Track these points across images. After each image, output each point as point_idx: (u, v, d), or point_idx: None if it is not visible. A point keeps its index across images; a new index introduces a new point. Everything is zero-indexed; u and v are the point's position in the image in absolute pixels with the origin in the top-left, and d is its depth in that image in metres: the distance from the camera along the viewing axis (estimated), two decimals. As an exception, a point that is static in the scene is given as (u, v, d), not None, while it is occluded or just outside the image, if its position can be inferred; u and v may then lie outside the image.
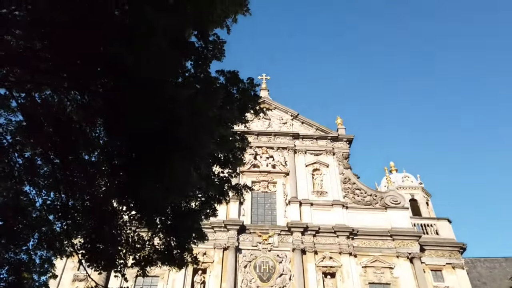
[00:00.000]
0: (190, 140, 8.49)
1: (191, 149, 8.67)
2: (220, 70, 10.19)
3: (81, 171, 12.09)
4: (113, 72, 8.30)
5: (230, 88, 10.23)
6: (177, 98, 7.52)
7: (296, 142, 34.66)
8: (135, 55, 7.14)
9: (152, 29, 7.14)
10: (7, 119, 12.06)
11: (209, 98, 8.43)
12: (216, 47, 9.49)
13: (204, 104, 8.17)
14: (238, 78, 10.15)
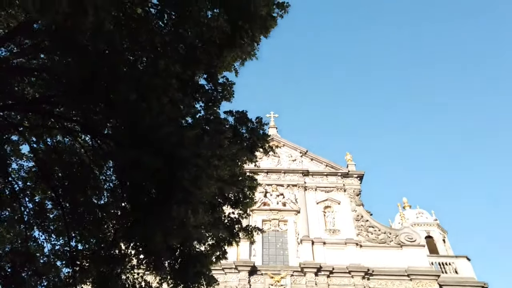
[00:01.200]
0: (192, 183, 8.43)
1: (191, 192, 8.59)
2: (229, 111, 10.34)
3: (90, 214, 12.01)
4: (123, 117, 8.40)
5: (239, 128, 10.31)
6: (183, 141, 7.52)
7: (306, 179, 34.34)
8: (147, 103, 7.24)
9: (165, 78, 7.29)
10: (19, 165, 12.18)
11: (216, 138, 8.43)
12: (226, 88, 9.67)
13: (210, 145, 8.16)
14: (247, 117, 10.25)
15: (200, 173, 8.39)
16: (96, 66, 8.16)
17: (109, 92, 7.82)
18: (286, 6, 9.82)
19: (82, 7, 6.53)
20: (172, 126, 7.60)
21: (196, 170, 8.28)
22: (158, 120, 7.46)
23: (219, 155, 9.03)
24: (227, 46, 9.36)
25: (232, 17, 9.14)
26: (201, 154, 8.31)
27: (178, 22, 9.78)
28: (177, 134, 7.69)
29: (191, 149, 7.76)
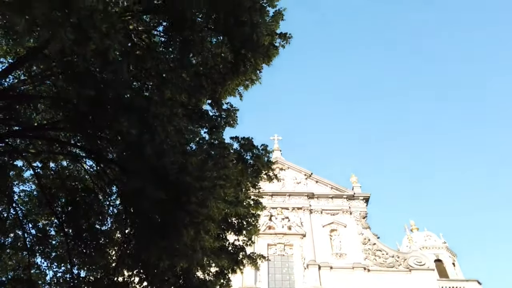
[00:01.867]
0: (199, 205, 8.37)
1: (200, 212, 8.52)
2: (234, 137, 10.36)
3: (93, 240, 11.92)
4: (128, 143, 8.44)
5: (243, 154, 10.30)
6: (187, 168, 7.51)
7: (311, 202, 34.02)
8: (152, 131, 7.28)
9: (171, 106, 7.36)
10: (22, 190, 12.20)
11: (220, 161, 8.42)
12: (230, 114, 9.74)
13: (215, 167, 8.14)
14: (252, 144, 10.27)
15: (207, 195, 8.34)
16: (102, 93, 8.26)
17: (115, 119, 7.88)
18: (288, 37, 10.03)
19: (87, 34, 6.66)
20: (177, 153, 7.61)
21: (202, 193, 8.24)
22: (163, 147, 7.48)
23: (224, 175, 8.99)
24: (231, 73, 9.49)
25: (235, 45, 9.29)
26: (206, 176, 8.28)
27: (183, 49, 9.95)
28: (181, 162, 7.68)
29: (196, 174, 7.74)
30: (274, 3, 9.85)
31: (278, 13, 10.46)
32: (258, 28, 9.04)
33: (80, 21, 6.02)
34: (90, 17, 6.07)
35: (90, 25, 6.14)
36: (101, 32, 6.47)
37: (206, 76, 9.33)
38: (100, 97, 8.31)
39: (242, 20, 9.03)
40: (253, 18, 9.02)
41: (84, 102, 8.03)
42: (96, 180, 12.50)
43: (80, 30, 6.33)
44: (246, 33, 9.00)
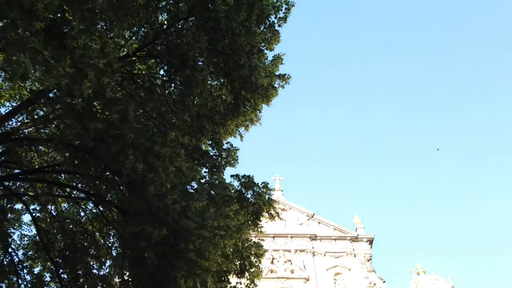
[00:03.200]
0: (198, 255, 8.17)
1: (197, 263, 8.29)
2: (235, 175, 10.35)
3: (90, 286, 11.54)
4: (129, 184, 8.40)
5: (244, 193, 10.24)
6: (188, 211, 7.43)
7: (314, 243, 33.27)
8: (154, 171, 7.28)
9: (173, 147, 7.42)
10: (20, 235, 12.00)
11: (222, 209, 8.31)
12: (230, 154, 9.81)
13: (216, 215, 8.03)
14: (253, 182, 10.25)
15: (206, 245, 8.17)
16: (107, 131, 8.34)
17: (118, 158, 7.90)
18: (287, 78, 10.34)
19: (82, 71, 6.81)
20: (177, 194, 7.56)
21: (201, 241, 8.08)
22: (163, 188, 7.45)
23: (225, 225, 8.87)
24: (231, 114, 9.67)
25: (235, 87, 9.53)
26: (207, 225, 8.14)
27: (183, 91, 10.19)
28: (182, 203, 7.60)
29: (196, 220, 7.63)
30: (272, 46, 10.23)
31: (278, 57, 10.86)
32: (257, 71, 9.32)
33: (75, 60, 6.20)
34: (85, 55, 6.25)
35: (86, 63, 6.31)
36: (97, 69, 6.63)
37: (207, 117, 9.49)
38: (105, 134, 8.39)
39: (241, 63, 9.32)
40: (251, 61, 9.33)
41: (89, 137, 8.04)
42: (95, 223, 12.32)
43: (76, 68, 6.49)
44: (245, 75, 9.26)
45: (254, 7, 9.43)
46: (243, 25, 9.46)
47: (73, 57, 6.55)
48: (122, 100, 7.40)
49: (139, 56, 11.36)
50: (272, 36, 10.18)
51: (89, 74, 6.82)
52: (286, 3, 10.17)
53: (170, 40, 10.15)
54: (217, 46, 9.54)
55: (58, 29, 6.55)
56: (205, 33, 9.11)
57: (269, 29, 10.17)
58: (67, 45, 6.53)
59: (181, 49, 9.10)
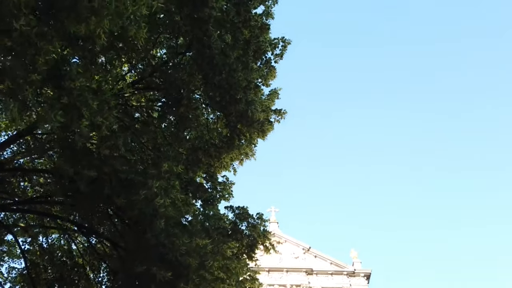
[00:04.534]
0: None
1: None
2: (229, 206, 10.26)
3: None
4: (121, 217, 8.31)
5: (239, 224, 10.12)
6: (186, 250, 7.28)
7: (310, 278, 32.54)
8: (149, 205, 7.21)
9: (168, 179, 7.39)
10: (9, 267, 11.70)
11: (219, 247, 8.16)
12: (225, 188, 9.76)
13: (213, 254, 7.87)
14: (248, 213, 10.14)
15: (205, 285, 7.96)
16: (100, 170, 8.30)
17: (111, 196, 7.84)
18: (283, 113, 10.51)
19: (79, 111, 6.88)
20: (172, 228, 7.44)
21: (201, 282, 7.87)
22: (157, 222, 7.34)
23: (225, 267, 8.67)
24: (226, 147, 9.70)
25: (231, 121, 9.61)
26: (206, 265, 7.95)
27: (180, 124, 10.26)
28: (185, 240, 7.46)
29: (197, 257, 7.45)
30: (268, 82, 10.43)
31: (274, 92, 11.05)
32: (253, 105, 9.45)
33: (71, 101, 6.28)
34: (81, 95, 6.33)
35: (82, 103, 6.39)
36: (92, 110, 6.70)
37: (202, 149, 9.52)
38: (98, 174, 8.34)
39: (237, 98, 9.46)
40: (248, 96, 9.47)
41: (84, 182, 8.02)
42: (86, 256, 12.05)
43: (73, 108, 6.56)
44: (241, 110, 9.37)
45: (250, 44, 9.67)
46: (240, 61, 9.67)
47: (71, 97, 6.65)
48: (113, 135, 7.42)
49: (137, 88, 11.52)
50: (268, 72, 10.40)
51: (85, 113, 6.90)
52: (283, 41, 10.45)
53: (168, 74, 10.33)
54: (213, 80, 9.71)
55: (58, 69, 6.68)
56: (202, 68, 9.28)
57: (265, 65, 10.41)
58: (65, 86, 6.64)
59: (177, 85, 9.25)
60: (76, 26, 6.47)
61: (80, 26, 6.42)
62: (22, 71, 5.80)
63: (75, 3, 6.00)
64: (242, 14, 9.15)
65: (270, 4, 9.93)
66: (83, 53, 7.69)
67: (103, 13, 6.31)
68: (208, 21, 8.29)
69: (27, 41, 5.68)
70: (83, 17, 6.39)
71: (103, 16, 6.35)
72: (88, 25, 6.39)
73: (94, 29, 6.51)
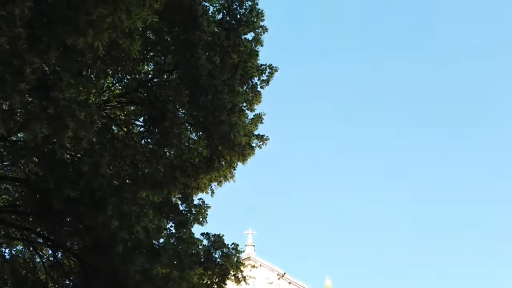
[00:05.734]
0: None
1: None
2: (205, 233, 10.05)
3: None
4: (88, 232, 8.03)
5: (213, 252, 9.90)
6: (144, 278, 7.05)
7: (283, 305, 31.96)
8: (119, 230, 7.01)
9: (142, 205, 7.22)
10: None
11: (186, 273, 7.94)
12: (200, 211, 9.59)
13: (176, 283, 7.63)
14: (223, 242, 9.94)
15: None
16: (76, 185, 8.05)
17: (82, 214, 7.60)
18: (265, 139, 10.55)
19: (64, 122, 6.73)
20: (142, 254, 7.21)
21: None
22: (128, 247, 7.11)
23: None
24: (205, 168, 9.60)
25: (213, 142, 9.56)
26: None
27: (160, 141, 10.14)
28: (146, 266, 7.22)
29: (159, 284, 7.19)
30: (253, 107, 10.48)
31: (258, 116, 11.09)
32: (236, 129, 9.44)
33: (59, 110, 6.15)
34: (68, 107, 6.22)
35: (68, 114, 6.27)
36: (79, 121, 6.57)
37: (180, 168, 9.39)
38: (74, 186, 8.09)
39: (221, 119, 9.44)
40: (231, 119, 9.47)
41: (58, 198, 7.77)
42: (51, 272, 11.55)
43: (58, 118, 6.42)
44: (224, 132, 9.34)
45: (238, 68, 9.75)
46: (226, 84, 9.71)
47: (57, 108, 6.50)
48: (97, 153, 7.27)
49: (121, 102, 11.38)
50: (254, 97, 10.47)
51: (70, 125, 6.75)
52: (270, 68, 10.57)
53: (153, 90, 10.25)
54: (199, 101, 9.69)
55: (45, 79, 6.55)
56: (188, 87, 9.27)
57: (251, 89, 10.48)
58: (54, 97, 6.50)
59: (162, 101, 9.18)
60: (73, 38, 6.38)
61: (78, 39, 6.34)
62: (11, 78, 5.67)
63: (74, 16, 5.95)
64: (232, 38, 9.25)
65: (260, 31, 10.08)
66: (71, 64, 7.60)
67: (102, 27, 6.27)
68: (198, 43, 8.35)
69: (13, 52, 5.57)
70: (81, 30, 6.32)
71: (101, 29, 6.30)
72: (86, 38, 6.32)
73: (92, 42, 6.44)
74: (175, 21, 8.45)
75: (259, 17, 10.06)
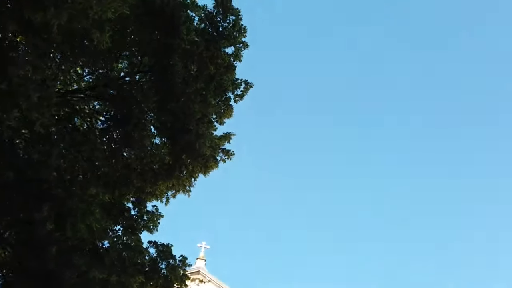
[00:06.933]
0: None
1: None
2: (153, 242, 9.72)
3: None
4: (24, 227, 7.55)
5: (159, 263, 9.57)
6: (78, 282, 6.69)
7: (228, 323, 31.28)
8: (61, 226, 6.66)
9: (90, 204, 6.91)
10: None
11: (125, 279, 7.61)
12: (152, 219, 9.32)
13: None
14: (171, 253, 9.63)
15: None
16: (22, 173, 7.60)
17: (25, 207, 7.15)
18: (231, 154, 10.47)
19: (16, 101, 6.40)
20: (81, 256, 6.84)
21: None
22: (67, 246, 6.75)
23: None
24: (164, 175, 9.39)
25: (177, 149, 9.39)
26: None
27: (122, 141, 9.85)
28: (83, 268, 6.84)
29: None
30: (223, 120, 10.42)
31: (227, 136, 10.87)
32: (202, 139, 9.33)
33: (11, 88, 5.88)
34: (23, 85, 5.95)
35: (21, 93, 5.99)
36: (31, 102, 6.29)
37: (138, 172, 9.12)
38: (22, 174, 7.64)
39: (188, 128, 9.31)
40: (199, 128, 9.36)
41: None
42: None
43: (9, 96, 6.14)
44: (190, 141, 9.20)
45: (213, 80, 9.70)
46: (199, 93, 9.62)
47: (11, 85, 6.20)
48: (49, 141, 6.94)
49: (88, 95, 11.03)
50: (225, 110, 10.41)
51: (23, 104, 6.43)
52: (246, 83, 10.56)
53: (123, 89, 10.01)
54: (168, 106, 9.53)
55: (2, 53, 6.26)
56: (159, 91, 9.12)
57: (224, 102, 10.42)
58: (8, 72, 6.21)
59: (130, 101, 8.97)
60: (32, 13, 6.17)
61: (37, 14, 6.13)
62: None
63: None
64: (211, 50, 9.23)
65: (241, 47, 10.11)
66: (36, 43, 7.29)
67: (64, 6, 6.10)
68: (176, 50, 8.27)
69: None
70: (43, 6, 6.13)
71: (63, 9, 6.13)
72: (45, 14, 6.13)
73: (50, 19, 6.24)
74: (156, 25, 8.37)
75: (241, 33, 10.11)
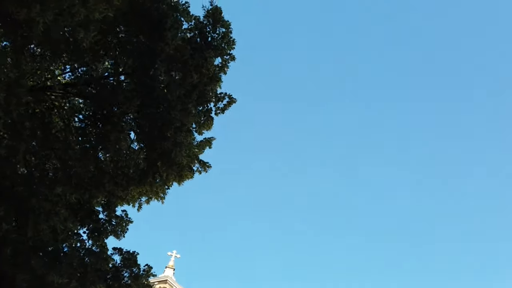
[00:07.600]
0: None
1: None
2: (118, 248, 9.44)
3: None
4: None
5: (122, 271, 9.29)
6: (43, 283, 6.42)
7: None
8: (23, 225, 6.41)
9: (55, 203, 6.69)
10: None
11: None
12: (120, 224, 9.07)
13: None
14: (135, 262, 9.36)
15: None
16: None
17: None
18: (208, 166, 10.38)
19: None
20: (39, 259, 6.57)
21: None
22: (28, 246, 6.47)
23: None
24: (137, 180, 9.22)
25: (152, 156, 9.26)
26: None
27: (97, 142, 9.65)
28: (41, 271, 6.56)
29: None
30: (201, 131, 10.35)
31: (207, 141, 10.82)
32: (179, 147, 9.21)
33: None
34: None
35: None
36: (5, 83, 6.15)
37: (110, 174, 8.92)
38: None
39: (166, 135, 9.20)
40: (177, 137, 9.25)
41: None
42: None
43: None
44: (166, 148, 9.08)
45: (196, 88, 9.63)
46: (180, 101, 9.53)
47: None
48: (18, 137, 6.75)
49: (69, 91, 10.81)
50: (205, 121, 10.32)
51: None
52: (229, 97, 10.52)
53: (105, 89, 9.85)
54: (148, 111, 9.42)
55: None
56: (140, 95, 9.01)
57: (205, 113, 10.35)
58: None
59: (109, 103, 8.83)
60: (17, 8, 6.11)
61: (21, 10, 6.08)
62: None
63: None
64: (196, 58, 9.19)
65: (228, 59, 10.11)
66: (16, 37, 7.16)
67: (49, 4, 6.05)
68: (160, 55, 8.19)
69: None
70: (28, 3, 6.08)
71: (48, 7, 6.08)
72: (29, 11, 6.07)
73: (34, 16, 6.17)
74: (142, 28, 8.30)
75: (229, 45, 10.11)
